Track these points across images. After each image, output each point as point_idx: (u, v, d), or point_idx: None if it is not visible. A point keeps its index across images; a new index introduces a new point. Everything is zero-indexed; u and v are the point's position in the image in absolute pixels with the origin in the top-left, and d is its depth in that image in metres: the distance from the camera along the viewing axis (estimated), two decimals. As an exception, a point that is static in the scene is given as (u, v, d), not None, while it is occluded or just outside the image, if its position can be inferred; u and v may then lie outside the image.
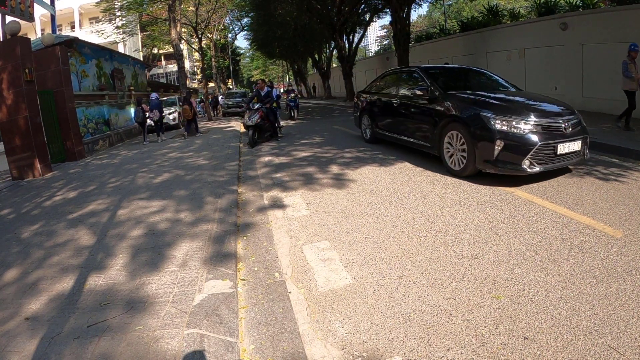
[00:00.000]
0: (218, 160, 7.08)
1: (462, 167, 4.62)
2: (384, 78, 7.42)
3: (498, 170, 4.20)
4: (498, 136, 4.13)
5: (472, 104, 4.69)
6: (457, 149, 4.72)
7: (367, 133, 7.71)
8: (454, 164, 4.78)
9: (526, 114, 4.24)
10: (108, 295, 2.45)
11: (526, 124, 4.13)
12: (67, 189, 5.84)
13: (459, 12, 44.00)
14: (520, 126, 4.12)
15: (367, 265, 2.73)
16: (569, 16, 11.22)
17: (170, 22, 12.89)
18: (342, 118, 14.14)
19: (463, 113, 4.64)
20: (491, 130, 4.20)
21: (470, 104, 4.69)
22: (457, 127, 4.68)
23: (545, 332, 1.90)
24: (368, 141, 7.67)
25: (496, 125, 4.19)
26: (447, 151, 4.93)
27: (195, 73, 45.26)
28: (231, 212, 3.99)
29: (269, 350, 1.95)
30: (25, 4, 8.83)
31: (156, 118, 11.70)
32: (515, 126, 4.13)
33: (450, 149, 4.85)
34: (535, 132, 4.10)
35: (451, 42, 17.34)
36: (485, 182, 4.46)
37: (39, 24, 20.79)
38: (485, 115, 4.33)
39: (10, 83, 7.17)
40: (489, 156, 4.22)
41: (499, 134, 4.14)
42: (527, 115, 4.23)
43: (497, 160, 4.17)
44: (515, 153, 4.08)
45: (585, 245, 2.78)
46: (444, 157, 4.97)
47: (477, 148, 4.33)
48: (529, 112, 4.28)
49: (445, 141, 4.91)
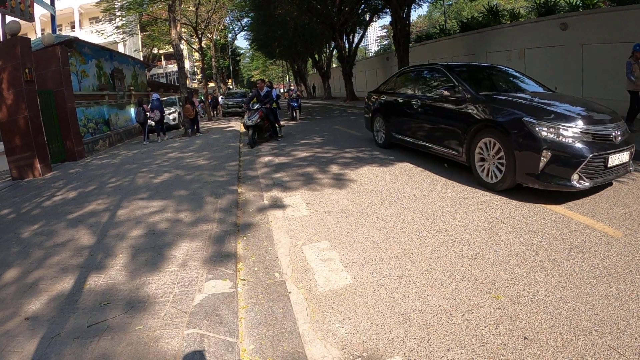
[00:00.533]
0: (218, 160, 7.08)
1: (498, 180, 4.02)
2: (400, 76, 6.75)
3: (543, 185, 3.63)
4: (545, 146, 3.56)
5: (510, 106, 4.07)
6: (491, 159, 4.13)
7: (380, 137, 7.10)
8: (488, 176, 4.17)
9: (573, 120, 3.67)
10: (108, 295, 2.45)
11: (575, 132, 3.58)
12: (67, 189, 5.84)
13: (459, 12, 44.00)
14: (568, 134, 3.56)
15: (367, 265, 2.73)
16: (569, 16, 11.23)
17: (170, 22, 12.87)
18: (342, 118, 14.15)
19: (500, 117, 4.02)
20: (536, 139, 3.62)
21: (508, 107, 4.07)
22: (493, 134, 4.09)
23: (545, 332, 1.90)
24: (381, 146, 7.03)
25: (542, 132, 3.61)
26: (479, 161, 4.34)
27: (195, 73, 45.26)
28: (231, 212, 3.99)
29: (269, 350, 1.95)
30: (25, 4, 8.83)
31: (157, 118, 11.74)
32: (563, 134, 3.56)
33: (484, 159, 4.26)
34: (585, 142, 3.55)
35: (451, 42, 17.34)
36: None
37: (39, 24, 20.79)
38: (528, 120, 3.73)
39: (10, 83, 7.17)
40: (533, 169, 3.64)
41: (545, 143, 3.57)
42: (575, 121, 3.66)
43: (542, 174, 3.59)
44: (564, 166, 3.52)
45: (585, 246, 2.78)
46: (475, 168, 4.36)
47: (519, 159, 3.75)
48: (576, 118, 3.71)
49: (477, 149, 4.32)
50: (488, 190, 4.15)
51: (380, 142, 7.11)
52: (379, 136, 7.15)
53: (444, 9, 32.37)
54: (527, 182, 3.77)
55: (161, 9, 19.52)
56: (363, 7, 23.51)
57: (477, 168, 4.36)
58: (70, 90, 9.29)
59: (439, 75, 5.44)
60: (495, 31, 14.48)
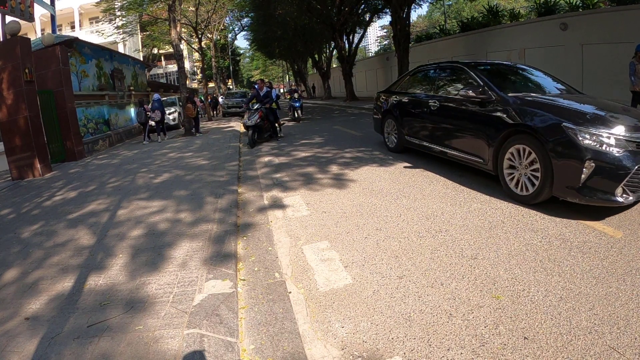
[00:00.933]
0: (218, 161, 7.08)
1: (531, 193, 3.59)
2: (415, 75, 6.28)
3: (584, 199, 3.22)
4: (588, 155, 3.15)
5: (545, 110, 3.65)
6: (523, 169, 3.71)
7: (391, 140, 6.59)
8: (519, 187, 3.75)
9: (616, 127, 3.28)
10: (108, 295, 2.45)
11: (619, 140, 3.18)
12: (67, 189, 5.84)
13: (459, 12, 44.01)
14: (612, 143, 3.17)
15: (367, 265, 2.73)
16: (569, 16, 11.23)
17: (170, 22, 12.87)
18: (342, 118, 14.15)
19: (535, 122, 3.58)
20: (578, 147, 3.20)
21: (542, 110, 3.65)
22: (526, 141, 3.66)
23: (545, 332, 1.90)
24: (393, 150, 6.52)
25: (584, 140, 3.19)
26: (508, 170, 3.90)
27: (195, 73, 45.26)
28: (231, 212, 3.99)
29: (269, 350, 1.95)
30: (25, 4, 8.83)
31: (158, 118, 11.79)
32: (607, 143, 3.17)
33: (514, 166, 3.83)
34: (630, 151, 3.16)
35: (451, 42, 17.36)
36: (485, 182, 4.46)
37: (39, 24, 20.80)
38: (568, 126, 3.31)
39: (10, 83, 7.17)
40: (574, 181, 3.23)
41: (588, 153, 3.16)
42: (618, 128, 3.26)
43: (584, 187, 3.20)
44: (609, 178, 3.13)
45: (585, 246, 2.78)
46: (504, 178, 3.93)
47: (557, 170, 3.34)
48: (618, 124, 3.32)
49: (506, 157, 3.90)
50: (488, 194, 4.15)
51: (392, 146, 6.56)
52: (389, 139, 6.66)
53: (444, 9, 32.41)
54: (566, 196, 3.34)
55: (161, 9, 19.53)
56: (363, 7, 23.53)
57: (506, 178, 3.90)
58: (70, 90, 9.29)
59: (460, 74, 5.02)
60: (495, 31, 14.49)
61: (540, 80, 4.92)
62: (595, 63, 10.16)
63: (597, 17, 10.24)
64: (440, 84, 5.41)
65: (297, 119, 14.08)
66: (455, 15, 42.50)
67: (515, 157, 3.81)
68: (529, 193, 3.63)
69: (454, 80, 5.21)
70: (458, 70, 5.14)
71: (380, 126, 6.92)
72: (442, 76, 5.50)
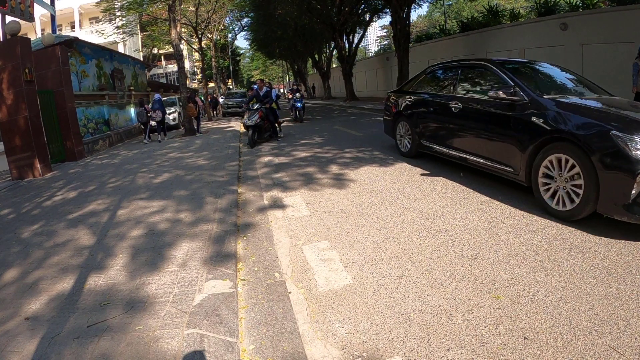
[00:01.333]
0: (218, 161, 7.08)
1: (571, 209, 3.16)
2: (432, 73, 5.77)
3: (633, 217, 2.84)
4: None
5: (589, 115, 3.21)
6: (563, 181, 3.28)
7: (404, 144, 6.11)
8: (557, 202, 3.32)
9: None
10: (108, 295, 2.45)
11: None
12: (67, 189, 5.84)
13: (459, 12, 44.01)
14: None
15: (367, 265, 2.73)
16: (569, 16, 11.24)
17: (170, 22, 12.88)
18: (342, 118, 14.15)
19: (578, 129, 3.16)
20: (630, 159, 2.81)
21: (586, 116, 3.20)
22: (567, 150, 3.23)
23: (545, 332, 1.90)
24: (406, 155, 6.06)
25: (636, 151, 2.83)
26: (544, 182, 3.47)
27: (195, 73, 45.27)
28: (231, 212, 3.99)
29: (269, 350, 1.95)
30: (25, 4, 8.83)
31: (159, 118, 11.81)
32: None
33: (551, 177, 3.39)
34: None
35: (451, 42, 17.36)
36: (485, 182, 4.46)
37: (39, 24, 20.79)
38: (617, 134, 2.91)
39: (10, 83, 7.17)
40: (623, 197, 2.86)
41: None
42: None
43: (633, 204, 2.82)
44: None
45: (585, 246, 2.78)
46: (540, 191, 3.50)
47: (604, 183, 2.95)
48: None
49: (542, 168, 3.46)
50: (489, 195, 4.14)
51: (405, 150, 6.08)
52: (402, 143, 6.17)
53: (444, 9, 32.42)
54: (612, 214, 2.95)
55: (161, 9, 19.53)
56: (363, 7, 23.54)
57: (542, 191, 3.48)
58: (70, 90, 9.29)
59: (486, 72, 4.57)
60: (495, 31, 14.49)
61: (569, 80, 4.50)
62: (595, 63, 10.16)
63: (597, 17, 10.24)
64: (462, 84, 4.92)
65: (299, 120, 13.78)
66: (455, 15, 42.52)
67: (553, 168, 3.37)
68: (569, 209, 3.19)
69: (479, 79, 4.78)
70: (483, 69, 4.67)
71: (392, 129, 6.45)
72: (465, 75, 4.99)
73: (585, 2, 11.66)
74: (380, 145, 7.26)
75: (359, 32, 27.59)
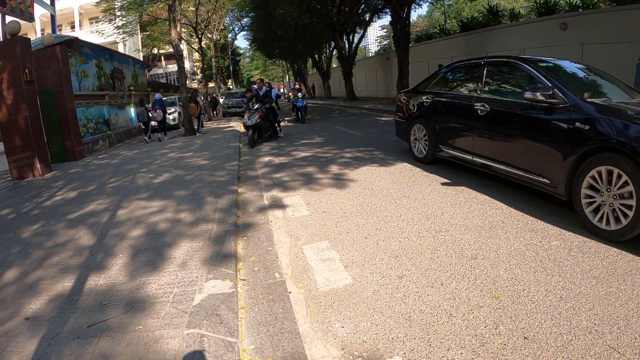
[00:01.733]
0: (218, 160, 7.08)
1: (620, 228, 2.76)
2: (453, 72, 5.26)
3: None
4: None
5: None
6: (611, 198, 2.86)
7: (419, 149, 5.62)
8: (603, 220, 2.91)
9: None
10: (108, 295, 2.45)
11: None
12: (67, 189, 5.84)
13: (459, 12, 44.00)
14: None
15: (367, 265, 2.73)
16: (569, 16, 11.24)
17: (170, 22, 12.88)
18: (342, 118, 14.15)
19: (629, 139, 2.73)
20: None
21: (637, 124, 2.76)
22: (617, 162, 2.80)
23: (545, 332, 1.90)
24: (421, 161, 5.56)
25: None
26: (587, 196, 3.05)
27: (195, 73, 45.26)
28: (231, 212, 3.99)
29: (269, 350, 1.95)
30: (25, 4, 8.83)
31: (160, 118, 11.82)
32: None
33: (597, 189, 2.97)
34: None
35: (451, 42, 17.37)
36: (485, 182, 4.46)
37: (39, 24, 20.79)
38: None
39: (10, 83, 7.18)
40: None
41: None
42: None
43: None
44: None
45: (585, 246, 2.78)
46: (581, 207, 3.08)
47: None
48: None
49: (586, 181, 3.04)
50: (489, 195, 4.13)
51: (420, 155, 5.57)
52: (417, 148, 5.66)
53: (444, 9, 32.41)
54: None
55: (161, 9, 19.51)
56: (363, 7, 23.53)
57: (584, 207, 3.06)
58: (70, 90, 9.29)
59: (517, 72, 4.10)
60: (495, 31, 14.50)
61: (605, 82, 4.02)
62: (595, 63, 10.14)
63: (597, 17, 10.24)
64: (488, 84, 4.41)
65: (301, 120, 13.52)
66: (455, 15, 42.52)
67: (598, 181, 2.97)
68: (618, 228, 2.78)
69: (508, 79, 4.31)
70: (513, 68, 4.16)
71: (406, 132, 5.93)
72: (491, 74, 4.45)
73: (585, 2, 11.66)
74: (381, 145, 7.26)
75: (359, 32, 27.59)
